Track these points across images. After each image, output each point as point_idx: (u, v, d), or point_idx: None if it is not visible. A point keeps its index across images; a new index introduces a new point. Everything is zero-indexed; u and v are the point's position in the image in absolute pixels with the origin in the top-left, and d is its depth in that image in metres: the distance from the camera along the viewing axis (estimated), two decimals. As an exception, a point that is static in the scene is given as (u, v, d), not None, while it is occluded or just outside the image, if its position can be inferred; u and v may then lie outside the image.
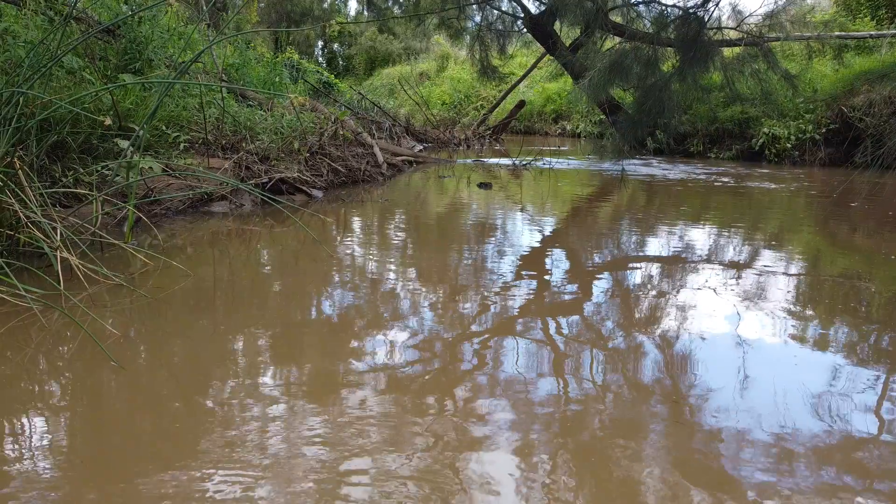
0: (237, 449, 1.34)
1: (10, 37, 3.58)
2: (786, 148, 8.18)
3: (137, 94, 4.26)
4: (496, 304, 2.40)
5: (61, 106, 2.89)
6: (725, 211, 4.81)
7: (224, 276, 2.77)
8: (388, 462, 1.30)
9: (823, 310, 2.40)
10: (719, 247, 3.51)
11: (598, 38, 8.26)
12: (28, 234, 2.50)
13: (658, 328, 2.16)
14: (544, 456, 1.34)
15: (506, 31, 9.67)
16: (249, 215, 4.06)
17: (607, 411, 1.56)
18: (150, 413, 1.50)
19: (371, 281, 2.71)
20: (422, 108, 11.69)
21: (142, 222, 3.41)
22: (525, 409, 1.55)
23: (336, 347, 1.93)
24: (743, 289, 2.63)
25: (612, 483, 1.26)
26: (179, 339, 2.00)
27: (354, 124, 6.78)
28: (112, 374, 1.68)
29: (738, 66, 7.50)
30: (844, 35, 8.74)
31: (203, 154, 4.61)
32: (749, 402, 1.61)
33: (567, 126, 13.88)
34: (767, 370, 1.81)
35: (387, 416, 1.49)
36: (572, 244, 3.64)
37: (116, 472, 1.25)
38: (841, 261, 3.28)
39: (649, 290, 2.65)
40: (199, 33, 6.71)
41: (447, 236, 3.80)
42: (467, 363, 1.83)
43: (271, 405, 1.53)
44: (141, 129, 3.25)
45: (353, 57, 24.70)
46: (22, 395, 1.58)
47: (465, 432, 1.42)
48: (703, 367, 1.84)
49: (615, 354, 1.94)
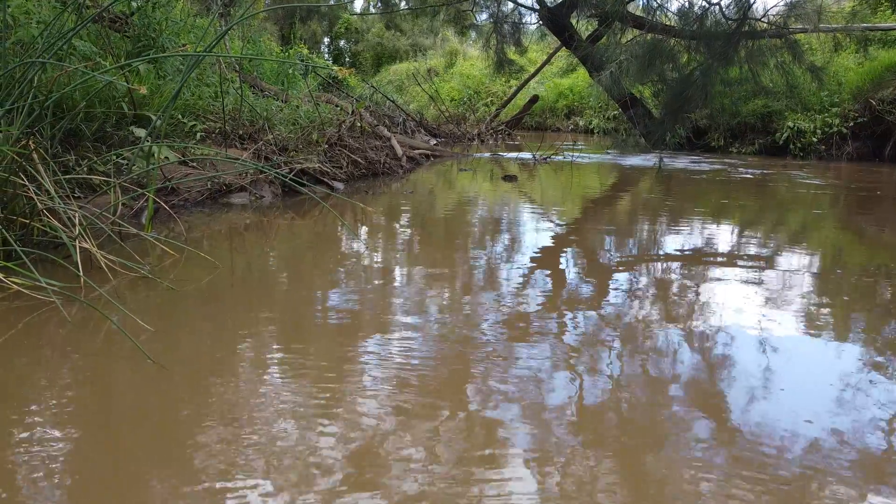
0: (299, 463, 1.15)
1: (23, 16, 3.41)
2: (811, 142, 7.97)
3: (153, 81, 4.09)
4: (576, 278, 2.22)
5: (77, 85, 2.71)
6: (791, 204, 4.61)
7: (252, 267, 2.59)
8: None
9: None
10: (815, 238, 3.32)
11: (617, 29, 8.06)
12: (44, 222, 2.32)
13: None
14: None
15: (521, 23, 9.49)
16: (269, 207, 3.87)
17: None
18: (214, 419, 1.31)
19: (419, 272, 2.53)
20: (436, 101, 11.49)
21: (160, 213, 3.23)
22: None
23: (385, 350, 1.75)
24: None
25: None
26: (215, 334, 1.81)
27: (370, 117, 6.60)
28: (151, 373, 1.50)
29: (763, 58, 7.30)
30: (871, 27, 8.53)
31: (220, 144, 4.43)
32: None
33: (580, 122, 13.66)
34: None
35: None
36: (624, 233, 3.46)
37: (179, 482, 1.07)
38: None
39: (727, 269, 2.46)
40: (212, 27, 6.56)
41: (490, 228, 3.61)
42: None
43: (328, 407, 1.35)
44: (160, 116, 3.08)
45: (360, 53, 24.50)
46: (50, 396, 1.40)
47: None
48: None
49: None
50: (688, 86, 6.92)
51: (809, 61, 7.53)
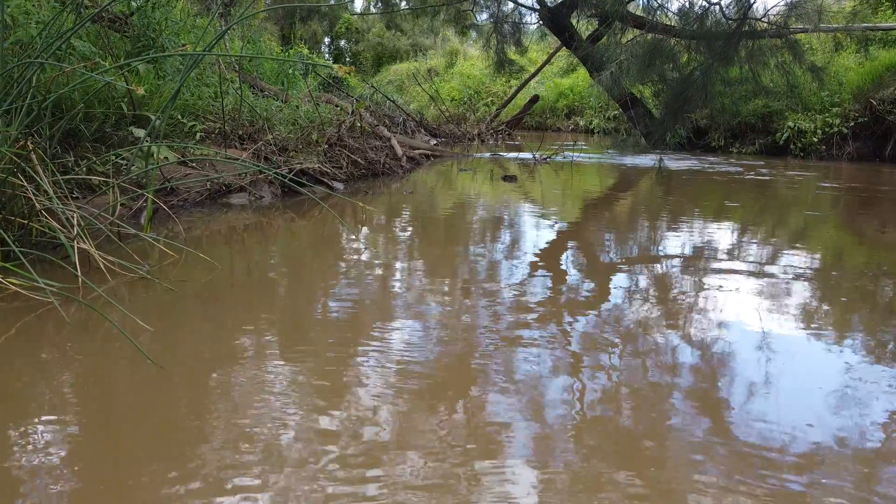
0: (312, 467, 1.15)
1: (22, 16, 3.40)
2: (812, 142, 7.95)
3: (152, 81, 4.08)
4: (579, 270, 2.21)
5: (76, 85, 2.71)
6: (791, 204, 4.61)
7: (252, 268, 2.58)
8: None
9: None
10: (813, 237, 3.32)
11: (617, 29, 8.05)
12: (43, 223, 2.31)
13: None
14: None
15: (521, 23, 9.48)
16: (269, 207, 3.87)
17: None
18: (214, 419, 1.31)
19: (419, 272, 2.52)
20: (436, 101, 11.48)
21: (159, 213, 3.22)
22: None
23: (386, 350, 1.74)
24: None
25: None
26: (214, 335, 1.81)
27: (370, 117, 6.59)
28: (150, 373, 1.50)
29: (764, 58, 7.28)
30: (872, 27, 8.51)
31: (220, 144, 4.43)
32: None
33: (580, 122, 13.64)
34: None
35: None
36: (623, 232, 3.45)
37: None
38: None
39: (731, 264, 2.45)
40: (211, 26, 6.55)
41: (490, 228, 3.61)
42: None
43: (330, 407, 1.34)
44: (159, 116, 3.07)
45: (361, 53, 24.49)
46: (48, 397, 1.39)
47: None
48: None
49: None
50: (688, 86, 6.91)
51: (810, 61, 7.51)
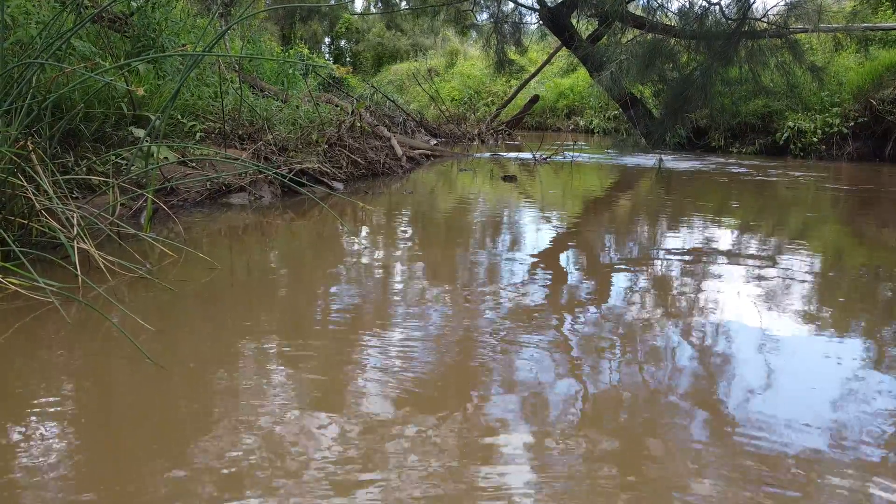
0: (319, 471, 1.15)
1: (22, 16, 3.41)
2: (812, 142, 7.95)
3: (152, 81, 4.09)
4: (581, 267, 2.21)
5: (76, 85, 2.71)
6: (791, 204, 4.61)
7: (252, 267, 2.58)
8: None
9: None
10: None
11: (617, 29, 8.06)
12: (43, 223, 2.32)
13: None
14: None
15: (521, 23, 9.48)
16: (269, 207, 3.87)
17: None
18: (214, 419, 1.31)
19: (419, 272, 2.52)
20: (436, 101, 11.48)
21: (159, 213, 3.23)
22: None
23: (386, 350, 1.74)
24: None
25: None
26: (214, 335, 1.81)
27: (370, 117, 6.59)
28: (150, 373, 1.50)
29: (764, 58, 7.29)
30: (872, 27, 8.51)
31: (219, 145, 4.43)
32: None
33: (580, 122, 13.64)
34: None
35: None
36: (623, 231, 3.45)
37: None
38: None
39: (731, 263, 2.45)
40: (211, 26, 6.55)
41: (489, 228, 3.61)
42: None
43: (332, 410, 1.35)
44: (159, 116, 3.07)
45: (361, 53, 24.50)
46: (48, 396, 1.40)
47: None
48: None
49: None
50: (688, 86, 6.92)
51: (810, 61, 7.52)
